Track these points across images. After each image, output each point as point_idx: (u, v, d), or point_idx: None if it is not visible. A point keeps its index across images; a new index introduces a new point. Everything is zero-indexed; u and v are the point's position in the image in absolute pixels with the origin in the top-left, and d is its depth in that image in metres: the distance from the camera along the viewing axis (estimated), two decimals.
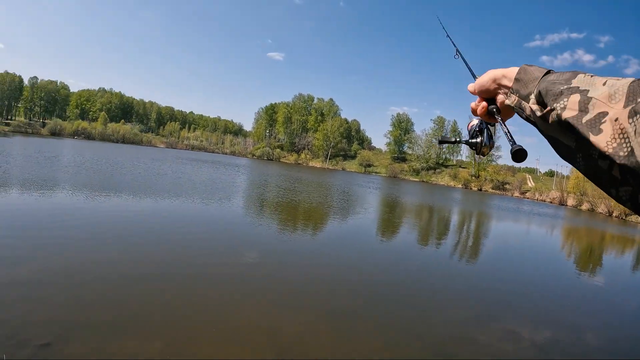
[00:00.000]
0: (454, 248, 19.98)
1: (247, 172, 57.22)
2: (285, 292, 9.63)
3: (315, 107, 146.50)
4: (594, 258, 25.01)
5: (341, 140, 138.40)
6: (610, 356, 9.17)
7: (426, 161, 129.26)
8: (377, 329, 8.35)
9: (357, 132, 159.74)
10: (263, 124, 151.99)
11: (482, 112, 1.38)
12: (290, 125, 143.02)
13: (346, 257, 14.31)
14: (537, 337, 9.31)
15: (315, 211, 25.57)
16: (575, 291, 14.97)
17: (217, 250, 12.43)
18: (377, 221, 26.00)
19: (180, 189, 25.31)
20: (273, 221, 19.74)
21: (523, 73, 1.17)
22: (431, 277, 13.47)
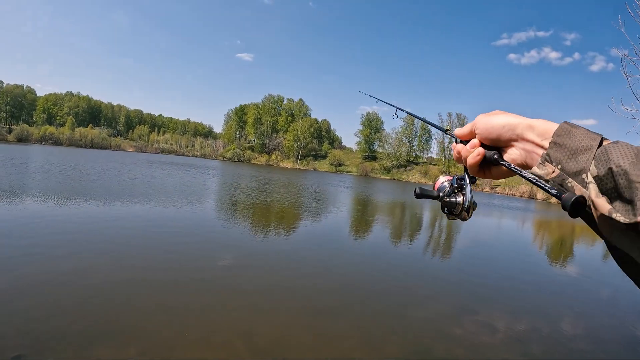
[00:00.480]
0: (427, 244, 20.10)
1: (218, 174, 56.82)
2: (260, 295, 9.58)
3: (285, 107, 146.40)
4: (565, 249, 25.61)
5: (312, 140, 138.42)
6: (588, 343, 9.36)
7: (397, 159, 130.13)
8: (354, 327, 8.36)
9: (328, 131, 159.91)
10: (233, 125, 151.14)
11: (475, 161, 1.10)
12: (260, 127, 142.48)
13: (321, 256, 14.28)
14: (513, 329, 9.42)
15: (288, 212, 25.52)
16: (549, 282, 15.18)
17: (190, 254, 12.30)
18: (350, 220, 25.97)
19: (151, 194, 25.04)
20: (246, 223, 19.64)
21: (566, 135, 0.90)
22: (406, 273, 13.50)
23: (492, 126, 1.05)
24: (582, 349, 8.99)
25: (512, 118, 1.03)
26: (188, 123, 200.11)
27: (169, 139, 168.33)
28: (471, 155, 1.10)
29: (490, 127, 1.06)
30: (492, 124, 1.06)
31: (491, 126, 1.06)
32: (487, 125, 1.07)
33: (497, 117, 1.06)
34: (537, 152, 0.96)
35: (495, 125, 1.05)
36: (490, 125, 1.06)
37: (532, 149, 0.98)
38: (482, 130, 1.08)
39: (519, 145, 1.01)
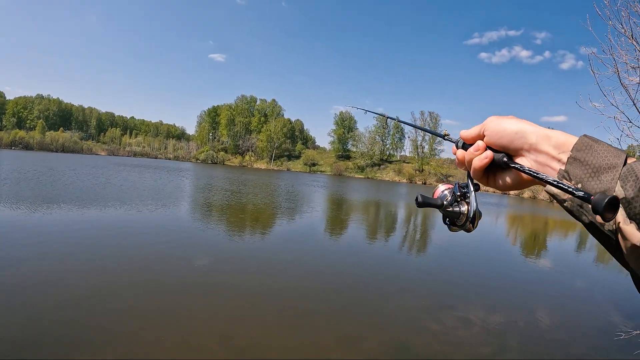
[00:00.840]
0: (402, 241, 20.28)
1: (191, 176, 56.55)
2: (237, 296, 9.61)
3: (258, 108, 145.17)
4: (539, 243, 26.14)
5: (285, 140, 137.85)
6: (564, 333, 9.59)
7: (370, 158, 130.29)
8: (333, 325, 8.45)
9: (301, 131, 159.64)
10: (206, 127, 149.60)
11: (483, 164, 1.00)
12: (233, 128, 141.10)
13: (297, 257, 14.32)
14: (490, 322, 9.58)
15: (263, 212, 25.54)
16: (525, 275, 15.42)
17: (166, 257, 12.23)
18: (326, 219, 26.08)
19: (125, 198, 24.80)
20: (222, 225, 19.61)
21: (587, 150, 0.81)
22: (383, 271, 13.59)
23: (504, 129, 0.96)
24: (559, 339, 9.19)
25: (526, 125, 0.94)
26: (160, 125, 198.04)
27: (142, 142, 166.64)
28: (478, 158, 1.00)
29: (501, 130, 0.97)
30: (504, 127, 0.96)
31: (503, 129, 0.96)
32: (498, 128, 0.97)
33: (510, 121, 0.97)
34: (553, 166, 0.87)
35: (507, 129, 0.96)
36: (502, 128, 0.96)
37: (546, 162, 0.89)
38: (492, 133, 0.99)
39: (530, 156, 0.92)
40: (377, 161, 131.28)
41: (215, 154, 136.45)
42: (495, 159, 0.98)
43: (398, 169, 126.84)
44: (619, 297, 13.62)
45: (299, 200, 35.81)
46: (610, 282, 16.02)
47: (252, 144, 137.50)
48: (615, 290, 14.50)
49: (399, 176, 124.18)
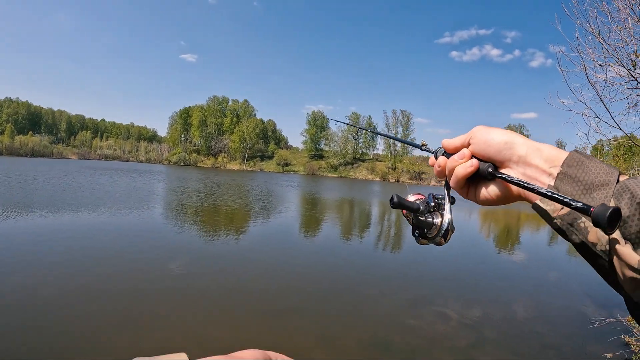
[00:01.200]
0: (378, 239, 20.46)
1: (164, 179, 56.14)
2: (213, 298, 9.64)
3: (230, 108, 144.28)
4: (512, 237, 26.72)
5: (258, 141, 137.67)
6: (540, 324, 9.75)
7: (343, 157, 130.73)
8: (311, 324, 8.53)
9: (274, 132, 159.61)
10: (178, 128, 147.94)
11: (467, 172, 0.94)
12: (205, 129, 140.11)
13: (273, 257, 14.33)
14: (467, 316, 9.73)
15: (238, 214, 25.52)
16: (499, 269, 15.80)
17: (141, 262, 12.15)
18: (301, 219, 26.13)
19: (97, 202, 24.59)
20: (196, 227, 19.52)
21: (578, 167, 0.78)
22: (359, 269, 13.71)
23: (493, 139, 0.91)
24: (534, 330, 9.38)
25: (516, 136, 0.90)
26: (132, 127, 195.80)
27: (113, 145, 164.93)
28: (462, 166, 0.95)
29: (490, 139, 0.91)
30: (492, 136, 0.91)
31: (491, 138, 0.91)
32: (487, 136, 0.92)
33: (498, 131, 0.93)
34: (542, 180, 0.83)
35: (496, 139, 0.91)
36: (491, 137, 0.91)
37: (535, 176, 0.85)
38: (480, 142, 0.93)
39: (518, 169, 0.88)
40: (350, 160, 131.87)
41: (188, 155, 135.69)
42: (481, 168, 0.91)
43: (371, 168, 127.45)
44: (591, 287, 13.86)
45: (273, 201, 35.81)
46: (582, 274, 16.21)
47: (224, 145, 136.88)
48: (588, 281, 14.73)
49: (372, 174, 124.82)
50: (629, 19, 6.45)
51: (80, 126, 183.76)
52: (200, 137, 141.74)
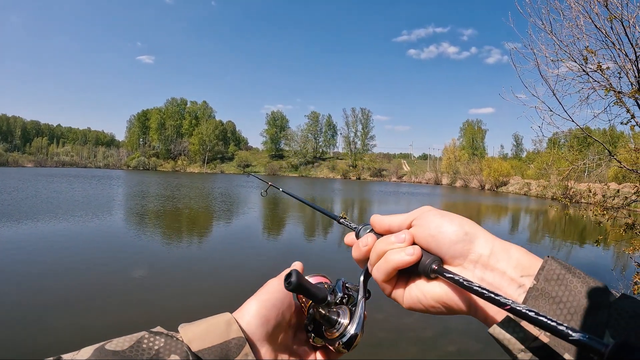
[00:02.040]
0: (341, 236, 20.07)
1: (123, 184, 55.41)
2: (177, 305, 9.58)
3: (189, 110, 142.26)
4: None
5: (217, 142, 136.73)
6: None
7: (304, 156, 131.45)
8: None
9: (233, 133, 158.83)
10: (136, 132, 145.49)
11: (404, 262, 0.73)
12: (164, 132, 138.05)
13: (236, 259, 14.38)
14: None
15: (200, 217, 25.45)
16: None
17: (102, 271, 11.96)
18: (263, 219, 26.33)
19: (55, 210, 24.13)
20: (158, 232, 19.33)
21: (558, 283, 0.60)
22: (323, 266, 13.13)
23: (446, 231, 0.71)
24: None
25: (479, 229, 0.71)
26: (89, 132, 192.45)
27: (70, 151, 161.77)
28: (398, 252, 0.74)
29: (441, 226, 0.72)
30: (445, 227, 0.71)
31: (444, 231, 0.71)
32: (438, 222, 0.72)
33: (455, 218, 0.73)
34: (508, 291, 0.64)
35: (451, 228, 0.71)
36: (444, 229, 0.71)
37: (498, 285, 0.65)
38: (428, 227, 0.73)
39: (475, 271, 0.68)
40: (310, 159, 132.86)
41: (147, 159, 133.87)
42: (422, 259, 0.71)
43: (332, 166, 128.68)
44: None
45: (235, 202, 35.87)
46: None
47: (184, 148, 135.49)
48: None
49: (333, 173, 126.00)
50: (580, 17, 6.82)
51: (36, 132, 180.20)
52: (159, 141, 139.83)
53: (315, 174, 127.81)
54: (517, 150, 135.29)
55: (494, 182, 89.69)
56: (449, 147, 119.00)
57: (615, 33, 6.58)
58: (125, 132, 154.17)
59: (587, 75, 7.02)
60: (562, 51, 7.11)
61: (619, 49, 6.63)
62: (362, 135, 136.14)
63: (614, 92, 6.72)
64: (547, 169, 41.97)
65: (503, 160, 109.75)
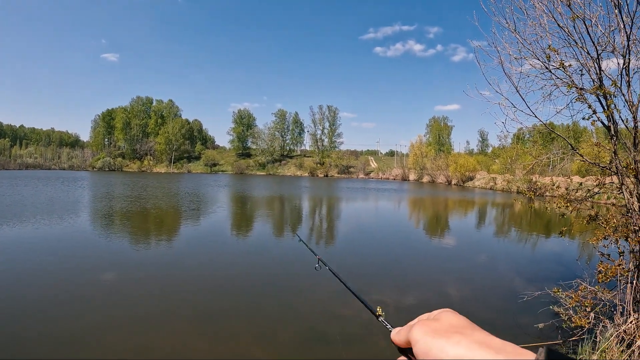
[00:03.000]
0: (310, 233, 20.68)
1: (89, 185, 54.45)
2: (149, 306, 9.51)
3: (155, 109, 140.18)
4: (442, 223, 27.64)
5: (184, 142, 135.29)
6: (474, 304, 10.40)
7: (271, 154, 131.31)
8: (247, 324, 8.61)
9: (200, 132, 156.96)
10: (101, 132, 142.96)
11: None
12: (129, 131, 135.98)
13: (206, 260, 14.28)
14: (401, 301, 10.19)
15: (168, 217, 25.37)
16: (432, 255, 16.48)
17: (69, 276, 11.71)
18: (231, 219, 26.14)
19: (20, 214, 23.75)
20: (126, 235, 18.99)
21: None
22: (290, 264, 13.88)
23: None
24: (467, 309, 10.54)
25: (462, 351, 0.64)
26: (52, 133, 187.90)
27: (33, 152, 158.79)
28: None
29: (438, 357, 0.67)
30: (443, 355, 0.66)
31: None
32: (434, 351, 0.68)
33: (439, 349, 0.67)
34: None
35: None
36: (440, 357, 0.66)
37: None
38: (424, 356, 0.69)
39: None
40: (277, 157, 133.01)
41: (113, 160, 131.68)
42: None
43: (299, 164, 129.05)
44: (519, 264, 15.01)
45: (202, 202, 35.61)
46: (510, 253, 17.61)
47: (150, 148, 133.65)
48: (516, 259, 15.96)
49: (301, 170, 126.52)
50: (544, 16, 7.20)
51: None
52: (125, 140, 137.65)
53: (283, 172, 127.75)
54: (483, 145, 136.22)
55: (461, 177, 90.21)
56: (416, 143, 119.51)
57: (578, 32, 6.95)
58: (90, 132, 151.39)
59: (549, 72, 7.39)
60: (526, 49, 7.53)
61: (581, 47, 6.98)
62: (329, 132, 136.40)
63: (576, 88, 7.07)
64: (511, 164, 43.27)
65: (469, 155, 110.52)
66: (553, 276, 12.41)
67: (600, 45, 6.85)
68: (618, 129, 7.12)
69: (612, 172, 7.25)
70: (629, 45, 6.59)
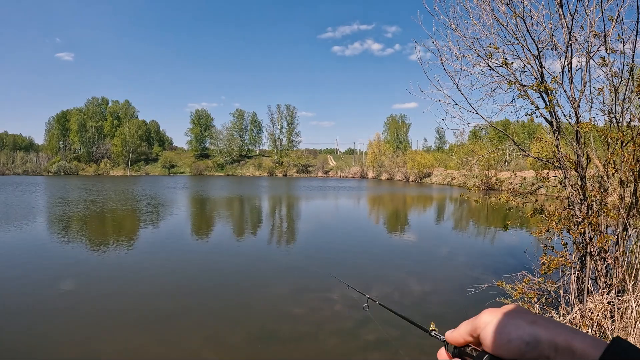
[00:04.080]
0: (270, 233, 20.78)
1: (44, 190, 53.09)
2: (103, 313, 9.34)
3: (111, 110, 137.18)
4: (401, 218, 28.08)
5: (141, 143, 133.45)
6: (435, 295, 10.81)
7: (229, 155, 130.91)
8: (199, 325, 8.57)
9: (157, 133, 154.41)
10: (56, 134, 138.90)
11: None
12: (85, 133, 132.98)
13: (163, 262, 14.15)
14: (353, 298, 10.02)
15: (126, 221, 25.16)
16: (393, 250, 16.73)
17: (25, 285, 11.42)
18: (190, 220, 26.10)
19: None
20: (83, 240, 18.65)
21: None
22: (246, 265, 13.89)
23: (509, 340, 0.66)
24: (420, 303, 10.30)
25: (539, 330, 0.65)
26: (5, 136, 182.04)
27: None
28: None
29: (504, 339, 0.67)
30: (507, 333, 0.67)
31: (507, 340, 0.66)
32: (499, 335, 0.68)
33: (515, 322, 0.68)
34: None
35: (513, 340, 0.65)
36: (506, 337, 0.67)
37: None
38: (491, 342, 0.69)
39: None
40: (236, 157, 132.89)
41: (68, 164, 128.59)
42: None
43: (258, 164, 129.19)
44: (473, 258, 15.33)
45: (161, 204, 35.24)
46: (466, 246, 18.05)
47: (106, 150, 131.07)
48: (470, 253, 16.38)
49: (260, 170, 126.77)
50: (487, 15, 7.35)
51: None
52: (80, 143, 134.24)
53: (242, 172, 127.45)
54: (440, 142, 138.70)
55: (418, 174, 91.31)
56: (374, 141, 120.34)
57: (520, 30, 7.13)
58: (45, 135, 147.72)
59: (493, 70, 7.53)
60: (468, 47, 7.66)
61: (523, 45, 7.17)
62: (287, 131, 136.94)
63: (519, 85, 7.22)
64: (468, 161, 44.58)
65: (427, 152, 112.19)
66: (505, 268, 12.63)
67: (541, 42, 7.05)
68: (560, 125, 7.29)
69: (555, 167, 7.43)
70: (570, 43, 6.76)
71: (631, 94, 6.58)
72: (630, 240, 6.58)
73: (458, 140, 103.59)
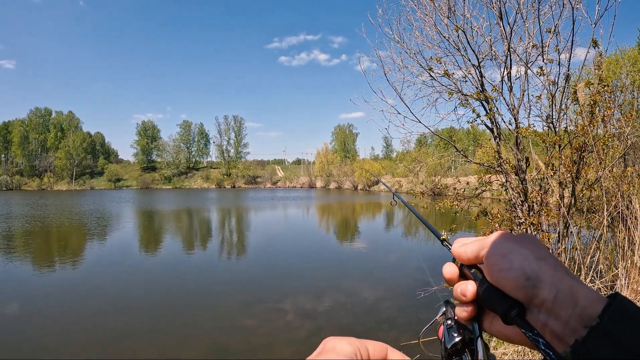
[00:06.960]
0: (220, 247, 20.81)
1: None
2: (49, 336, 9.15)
3: (54, 122, 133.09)
4: (351, 227, 28.46)
5: (86, 156, 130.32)
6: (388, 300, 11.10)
7: (176, 167, 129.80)
8: (150, 341, 8.59)
9: (102, 145, 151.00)
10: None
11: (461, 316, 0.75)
12: (28, 146, 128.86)
13: (110, 280, 13.93)
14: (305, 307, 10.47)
15: (72, 238, 24.73)
16: (345, 259, 17.04)
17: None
18: (138, 235, 25.83)
19: None
20: (28, 260, 18.09)
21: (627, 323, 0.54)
22: (196, 279, 13.94)
23: (510, 269, 0.65)
24: (371, 309, 10.42)
25: (542, 268, 0.63)
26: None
27: None
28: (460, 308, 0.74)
29: (506, 268, 0.65)
30: (510, 263, 0.65)
31: (508, 268, 0.65)
32: (502, 263, 0.66)
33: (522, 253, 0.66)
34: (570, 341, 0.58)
35: (515, 269, 0.64)
36: (508, 266, 0.65)
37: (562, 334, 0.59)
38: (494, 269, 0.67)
39: (540, 317, 0.62)
40: (183, 169, 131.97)
41: (10, 178, 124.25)
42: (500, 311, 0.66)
43: (206, 176, 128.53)
44: (422, 262, 15.12)
45: (107, 220, 34.56)
46: (415, 251, 18.19)
47: (50, 164, 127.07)
48: (421, 258, 16.39)
49: (208, 182, 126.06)
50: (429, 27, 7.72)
51: None
52: (23, 156, 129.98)
53: (190, 184, 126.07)
54: (388, 151, 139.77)
55: (366, 182, 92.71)
56: (322, 151, 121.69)
57: (461, 42, 7.42)
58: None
59: (434, 80, 7.83)
60: (411, 58, 7.91)
61: (464, 56, 7.47)
62: (235, 143, 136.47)
63: (460, 94, 7.55)
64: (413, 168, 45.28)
65: (374, 161, 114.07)
66: None
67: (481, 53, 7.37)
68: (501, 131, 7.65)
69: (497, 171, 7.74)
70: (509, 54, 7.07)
71: (567, 100, 6.90)
72: (572, 237, 6.81)
73: (404, 148, 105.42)
